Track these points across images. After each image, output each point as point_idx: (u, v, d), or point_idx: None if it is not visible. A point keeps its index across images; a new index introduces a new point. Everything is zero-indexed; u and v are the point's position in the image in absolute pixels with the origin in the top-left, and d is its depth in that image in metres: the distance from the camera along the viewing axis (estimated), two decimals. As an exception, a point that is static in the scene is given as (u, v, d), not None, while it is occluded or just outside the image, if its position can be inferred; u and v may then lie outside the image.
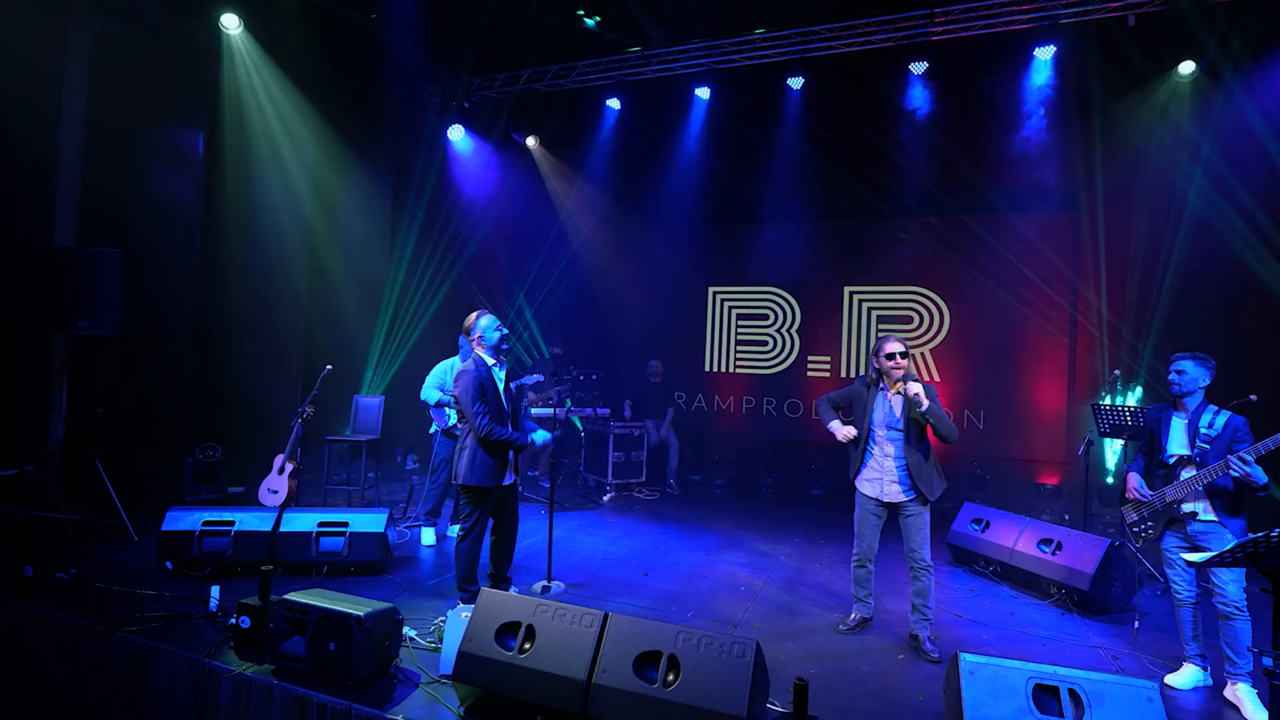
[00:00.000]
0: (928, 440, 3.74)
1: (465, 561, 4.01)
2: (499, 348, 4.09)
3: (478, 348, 4.11)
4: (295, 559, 4.45)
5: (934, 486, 3.71)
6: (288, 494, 5.87)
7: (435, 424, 5.54)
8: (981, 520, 5.31)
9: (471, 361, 4.04)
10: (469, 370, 3.98)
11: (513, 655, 2.76)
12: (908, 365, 3.69)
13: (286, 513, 4.54)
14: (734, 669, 2.53)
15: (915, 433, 3.70)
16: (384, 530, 4.54)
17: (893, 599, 4.46)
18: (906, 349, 3.72)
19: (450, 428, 5.47)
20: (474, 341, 4.13)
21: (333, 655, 3.02)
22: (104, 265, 5.08)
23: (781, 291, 9.24)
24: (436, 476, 5.46)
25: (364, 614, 3.02)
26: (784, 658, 3.54)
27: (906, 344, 3.76)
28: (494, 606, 2.91)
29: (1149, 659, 3.73)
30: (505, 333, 4.15)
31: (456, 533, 4.06)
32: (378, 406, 6.68)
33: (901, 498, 3.74)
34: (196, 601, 3.88)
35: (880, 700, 3.17)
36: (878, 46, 6.67)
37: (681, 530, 6.13)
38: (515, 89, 8.13)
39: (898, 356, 3.68)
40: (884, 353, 3.73)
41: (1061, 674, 2.51)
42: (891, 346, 3.71)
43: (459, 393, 3.95)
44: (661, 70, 7.51)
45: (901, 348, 3.70)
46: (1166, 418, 3.55)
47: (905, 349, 3.71)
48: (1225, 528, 3.28)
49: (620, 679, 2.61)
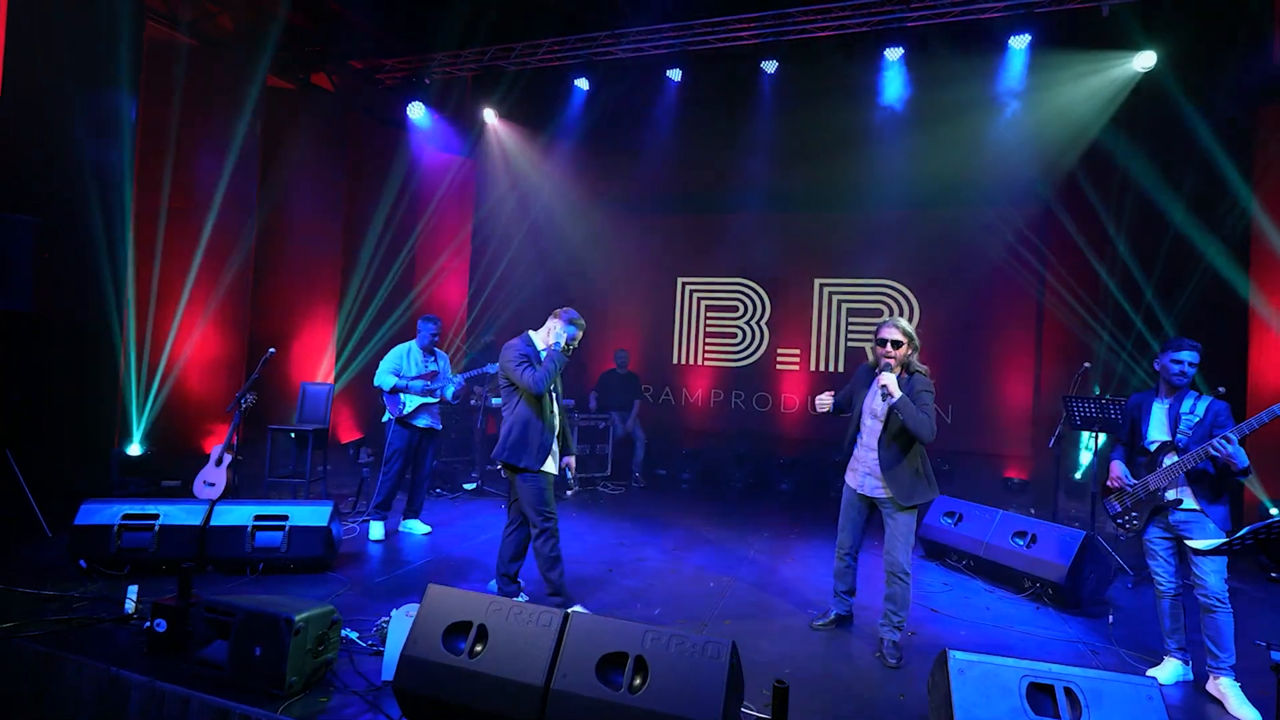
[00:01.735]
0: (912, 440, 3.41)
1: (555, 550, 3.73)
2: (563, 351, 3.74)
3: (547, 336, 3.81)
4: (228, 556, 4.07)
5: (908, 490, 3.40)
6: (225, 487, 5.48)
7: (388, 412, 5.22)
8: (954, 514, 5.21)
9: (521, 340, 3.79)
10: (516, 344, 3.76)
11: (462, 659, 2.48)
12: (902, 354, 3.40)
13: (219, 505, 4.17)
14: (707, 671, 2.30)
15: (894, 428, 3.42)
16: (328, 524, 4.19)
17: (870, 595, 4.28)
18: (905, 337, 3.41)
19: (404, 416, 5.15)
20: (546, 330, 3.83)
21: (259, 661, 2.70)
22: (18, 233, 4.62)
23: (751, 283, 9.09)
24: (389, 468, 5.13)
25: (296, 615, 2.70)
26: (758, 657, 3.33)
27: (907, 331, 3.43)
28: (442, 604, 2.63)
29: (1127, 653, 3.63)
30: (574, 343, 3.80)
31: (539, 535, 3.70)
32: (326, 395, 6.29)
33: (877, 494, 3.52)
34: (111, 603, 3.49)
35: (859, 702, 2.98)
36: (853, 31, 6.54)
37: (648, 525, 5.90)
38: (479, 66, 7.79)
39: (889, 344, 3.41)
40: (878, 338, 3.49)
41: (1056, 671, 2.35)
42: (885, 333, 3.44)
43: (504, 360, 3.71)
44: (632, 51, 7.26)
45: (896, 335, 3.41)
46: (1147, 404, 3.44)
47: (901, 337, 3.41)
48: (1208, 516, 3.18)
49: (582, 684, 2.35)
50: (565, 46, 7.40)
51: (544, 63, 7.57)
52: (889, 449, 3.44)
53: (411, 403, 5.16)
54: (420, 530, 5.31)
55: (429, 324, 5.35)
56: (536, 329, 3.91)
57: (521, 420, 3.70)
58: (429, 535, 5.29)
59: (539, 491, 3.68)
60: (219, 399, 6.55)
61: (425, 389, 5.19)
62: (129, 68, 5.87)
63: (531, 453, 3.66)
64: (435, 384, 5.25)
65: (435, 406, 5.31)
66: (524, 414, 3.70)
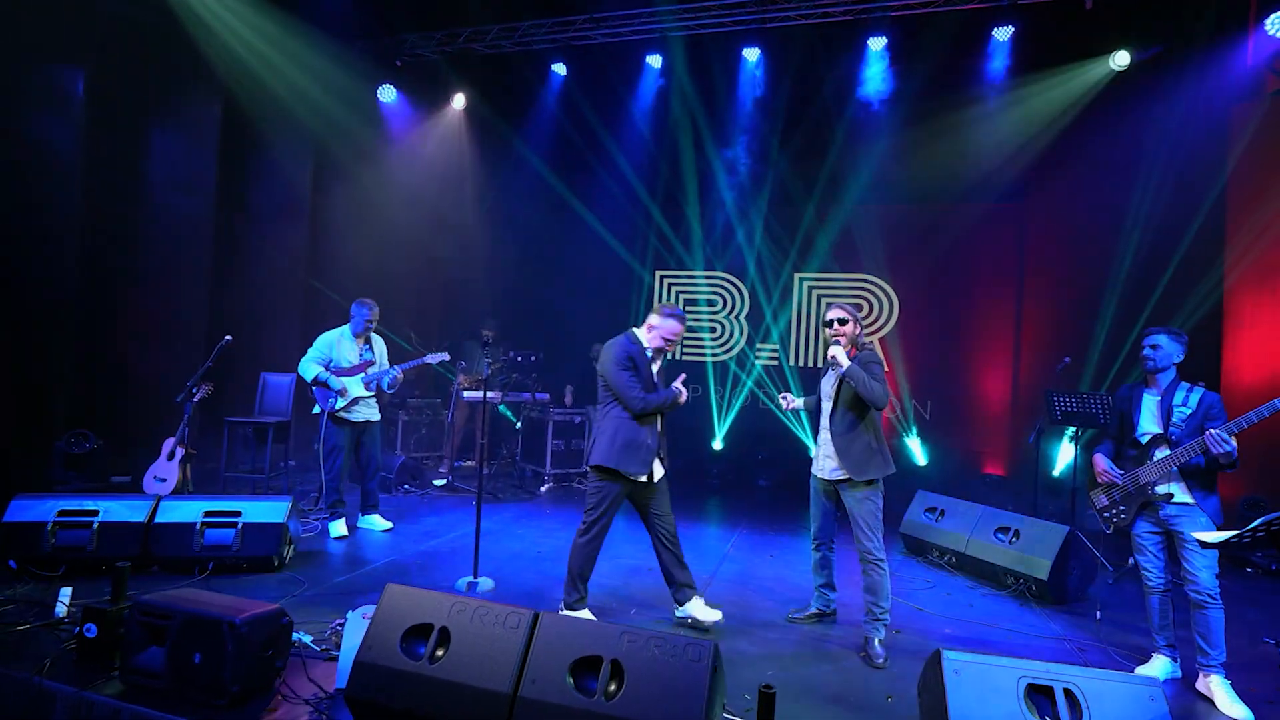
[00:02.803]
0: (868, 414, 3.42)
1: (578, 559, 3.46)
2: (664, 346, 3.55)
3: (649, 332, 3.57)
4: (175, 554, 3.81)
5: (861, 463, 3.37)
6: (178, 482, 5.18)
7: (318, 404, 4.87)
8: (936, 509, 5.12)
9: (625, 337, 3.55)
10: (620, 342, 3.51)
11: (421, 664, 2.28)
12: (848, 331, 3.47)
13: (165, 501, 3.91)
14: (688, 675, 2.13)
15: (844, 401, 3.43)
16: (284, 521, 3.95)
17: (853, 592, 4.16)
18: (850, 316, 3.49)
19: (335, 411, 4.79)
20: (647, 328, 3.59)
21: (199, 669, 2.47)
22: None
23: (730, 277, 8.96)
24: (331, 464, 4.82)
25: (240, 618, 2.48)
26: (737, 658, 3.17)
27: (852, 311, 3.52)
28: (401, 605, 2.42)
29: (1114, 650, 3.54)
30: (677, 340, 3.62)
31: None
32: (289, 385, 5.99)
33: (835, 475, 3.46)
34: (41, 606, 3.22)
35: (845, 704, 2.84)
36: (836, 20, 6.43)
37: (623, 522, 5.71)
38: (453, 49, 7.55)
39: (835, 324, 3.50)
40: (825, 320, 3.58)
41: (1055, 671, 2.23)
42: (831, 314, 3.54)
43: (604, 364, 3.47)
44: (610, 35, 7.08)
45: (841, 314, 3.50)
46: (1137, 396, 3.36)
47: (847, 316, 3.49)
48: (1201, 509, 3.10)
49: (552, 690, 2.17)
50: (542, 30, 7.19)
51: (520, 46, 7.36)
52: (841, 420, 3.45)
53: (345, 395, 4.79)
54: (380, 526, 5.06)
55: (364, 308, 4.93)
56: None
57: (629, 424, 3.44)
58: (390, 533, 5.03)
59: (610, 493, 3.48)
60: (176, 391, 6.22)
61: (342, 385, 4.79)
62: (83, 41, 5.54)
63: (639, 459, 3.43)
64: (369, 375, 4.88)
65: (372, 398, 4.98)
66: (628, 418, 3.45)
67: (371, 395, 4.97)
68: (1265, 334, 5.89)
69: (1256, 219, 5.89)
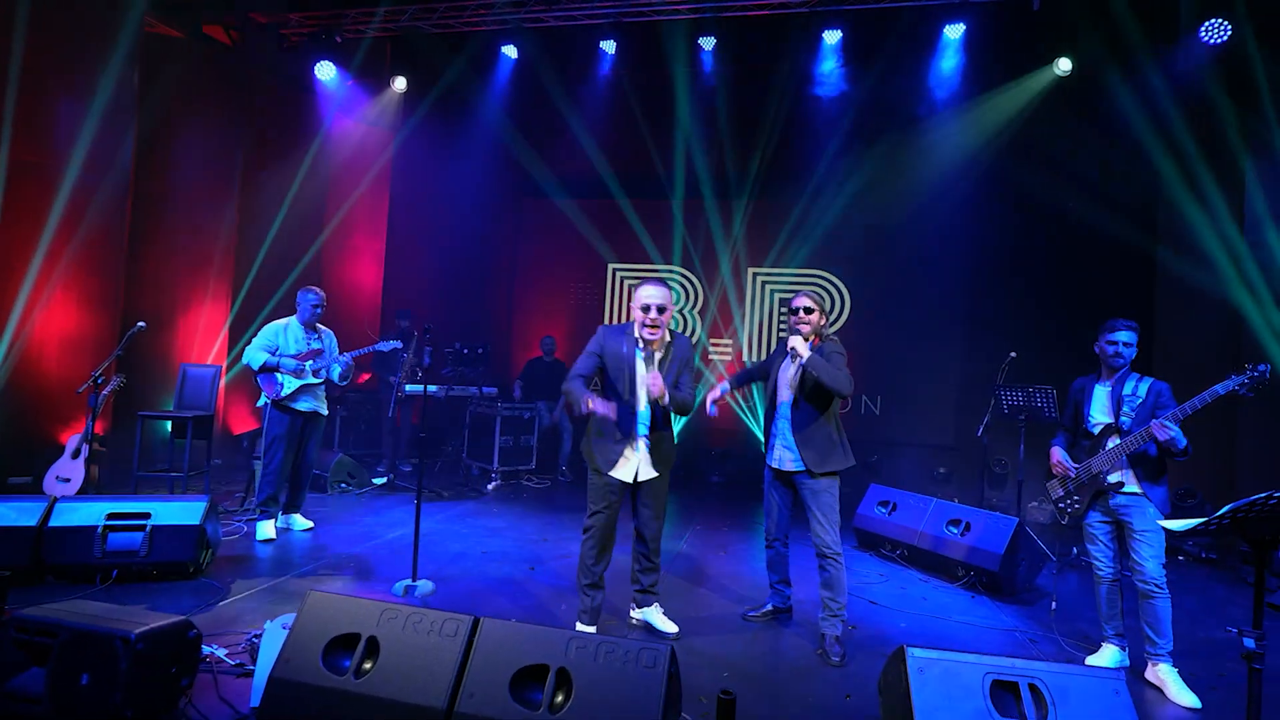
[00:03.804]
0: (830, 405, 3.35)
1: (580, 560, 3.29)
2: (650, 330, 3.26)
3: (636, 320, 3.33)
4: (72, 562, 3.43)
5: (822, 454, 3.28)
6: (84, 482, 4.75)
7: (264, 394, 4.60)
8: (889, 503, 5.11)
9: (616, 325, 3.40)
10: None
11: (345, 679, 2.05)
12: (814, 321, 3.38)
13: (62, 503, 3.52)
14: (641, 682, 1.97)
15: (805, 392, 3.34)
16: (200, 523, 3.60)
17: (807, 588, 4.08)
18: (816, 305, 3.41)
19: (282, 399, 4.53)
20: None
21: (86, 691, 2.17)
22: None
23: (684, 271, 8.85)
24: (271, 457, 4.52)
25: (136, 631, 2.19)
26: (692, 660, 3.03)
27: (819, 301, 3.44)
28: (324, 614, 2.19)
29: (1065, 640, 3.56)
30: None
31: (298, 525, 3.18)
32: (211, 378, 5.58)
33: (792, 466, 3.36)
34: (-93, 623, 2.82)
35: (803, 704, 2.73)
36: (792, 10, 6.37)
37: (573, 520, 5.53)
38: (398, 25, 7.19)
39: (801, 311, 3.40)
40: (790, 307, 3.47)
41: (1020, 667, 2.16)
42: (798, 301, 3.44)
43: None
44: (564, 18, 6.85)
45: (808, 302, 3.41)
46: (1089, 387, 3.38)
47: (814, 305, 3.41)
48: (1149, 499, 3.12)
49: (493, 704, 1.98)
50: (493, 10, 6.91)
51: (469, 26, 7.06)
52: (802, 411, 3.36)
53: (290, 384, 4.54)
54: (300, 526, 4.75)
55: (310, 295, 4.71)
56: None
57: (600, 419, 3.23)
58: (326, 534, 4.72)
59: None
60: (81, 384, 5.72)
61: (297, 370, 4.55)
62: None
63: (602, 455, 3.37)
64: (319, 363, 4.66)
65: (319, 389, 4.71)
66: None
67: (320, 383, 4.68)
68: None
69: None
